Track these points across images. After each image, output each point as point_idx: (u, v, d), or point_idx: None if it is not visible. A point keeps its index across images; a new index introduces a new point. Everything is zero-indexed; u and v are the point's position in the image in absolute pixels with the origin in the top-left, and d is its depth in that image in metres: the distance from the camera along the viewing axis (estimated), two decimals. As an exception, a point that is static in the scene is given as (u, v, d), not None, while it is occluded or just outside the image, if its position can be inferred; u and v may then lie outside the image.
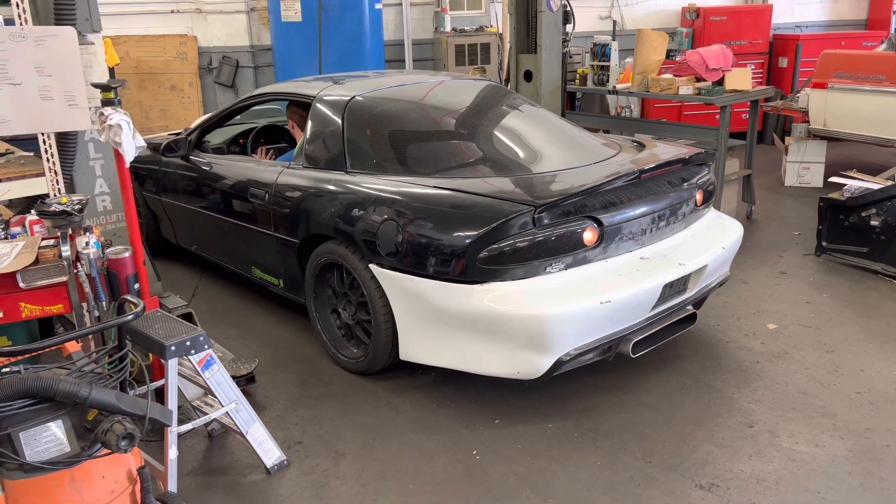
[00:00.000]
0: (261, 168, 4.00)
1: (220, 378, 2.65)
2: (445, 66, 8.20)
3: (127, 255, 2.77)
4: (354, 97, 3.77)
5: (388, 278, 3.15)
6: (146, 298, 2.85)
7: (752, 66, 8.45)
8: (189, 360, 2.55)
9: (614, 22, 8.93)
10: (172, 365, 2.48)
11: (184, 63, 7.69)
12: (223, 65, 7.85)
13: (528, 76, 5.95)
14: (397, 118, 3.77)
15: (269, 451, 2.81)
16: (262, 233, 3.88)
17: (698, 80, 5.78)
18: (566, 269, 2.99)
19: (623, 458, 2.84)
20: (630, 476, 2.72)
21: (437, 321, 3.06)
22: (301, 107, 4.31)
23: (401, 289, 3.11)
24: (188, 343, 2.51)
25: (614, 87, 6.23)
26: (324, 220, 3.43)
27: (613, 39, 6.46)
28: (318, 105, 3.84)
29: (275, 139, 5.09)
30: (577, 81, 6.55)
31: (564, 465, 2.80)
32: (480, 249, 2.89)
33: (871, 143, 6.55)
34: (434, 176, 3.32)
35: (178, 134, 4.90)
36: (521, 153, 3.62)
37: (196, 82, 7.77)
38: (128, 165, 2.85)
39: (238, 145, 4.96)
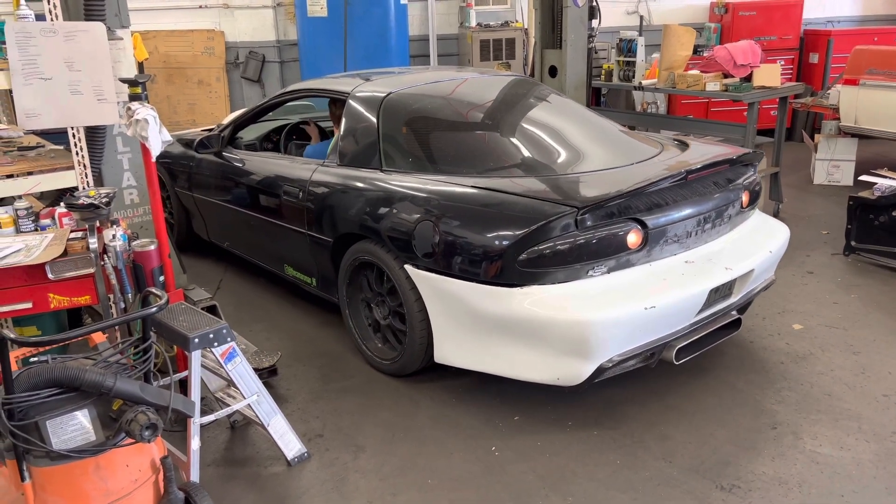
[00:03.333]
0: (294, 165, 3.95)
1: (242, 370, 2.68)
2: (470, 62, 8.18)
3: (152, 247, 2.81)
4: (390, 94, 3.70)
5: (423, 279, 3.09)
6: (171, 291, 2.89)
7: (782, 62, 8.31)
8: (212, 351, 2.59)
9: (641, 17, 8.83)
10: (196, 357, 2.52)
11: (211, 58, 7.77)
12: (250, 60, 7.91)
13: (553, 72, 5.92)
14: (433, 116, 3.72)
15: (290, 444, 2.84)
16: (295, 231, 3.84)
17: (726, 76, 5.70)
18: (609, 272, 2.91)
19: (643, 457, 2.82)
20: (650, 476, 2.71)
21: (473, 324, 2.99)
22: (335, 104, 4.27)
23: (437, 290, 3.06)
24: (211, 335, 2.54)
25: (640, 82, 6.17)
26: (358, 219, 3.38)
27: (640, 35, 6.39)
28: (352, 102, 3.78)
29: (307, 136, 5.00)
30: (603, 77, 6.50)
31: (584, 463, 2.79)
32: (521, 251, 2.82)
33: (903, 141, 6.40)
34: (471, 175, 3.26)
35: (210, 130, 4.90)
36: (561, 152, 3.53)
37: (223, 77, 7.84)
38: (154, 160, 2.88)
39: (271, 142, 4.93)
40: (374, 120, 3.61)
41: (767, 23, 8.63)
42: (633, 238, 2.93)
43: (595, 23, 5.82)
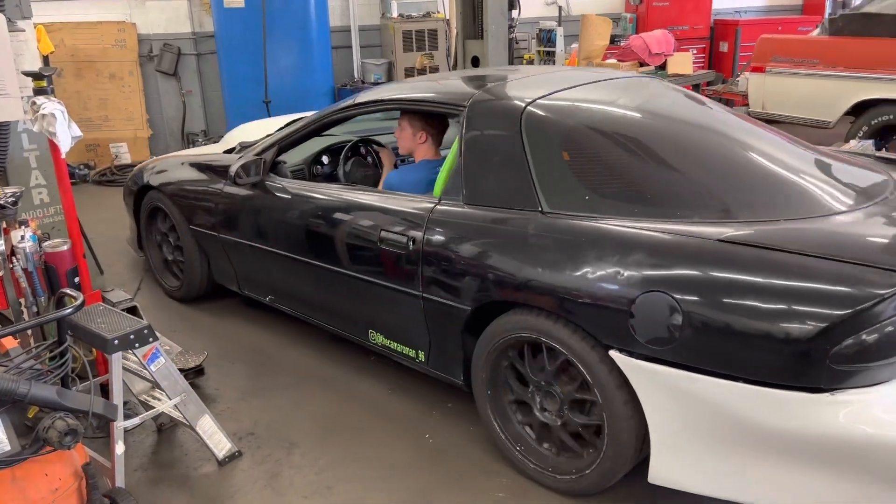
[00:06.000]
0: (393, 202, 2.96)
1: (166, 371, 2.61)
2: (393, 53, 8.15)
3: (65, 248, 2.69)
4: (533, 102, 2.74)
5: (645, 374, 2.20)
6: (87, 292, 2.78)
7: (694, 51, 8.64)
8: (134, 353, 2.51)
9: (560, 7, 9.00)
10: (116, 359, 2.43)
11: (123, 51, 7.47)
12: (164, 52, 7.65)
13: (476, 62, 5.97)
14: (604, 133, 2.72)
15: (220, 443, 2.78)
16: (399, 291, 2.88)
17: (642, 64, 5.89)
18: None
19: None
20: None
21: (730, 438, 2.12)
22: (433, 118, 3.36)
23: (671, 390, 2.17)
24: (132, 336, 2.46)
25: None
26: (520, 282, 2.44)
27: (559, 25, 6.52)
28: (475, 117, 2.80)
29: (364, 156, 3.99)
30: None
31: (516, 445, 2.84)
32: (837, 342, 1.93)
33: (807, 125, 6.77)
34: (699, 221, 2.29)
35: (233, 150, 4.01)
36: (790, 185, 2.54)
37: (136, 71, 7.56)
38: (63, 156, 2.76)
39: (322, 166, 3.95)
40: (517, 141, 2.65)
41: (680, 13, 8.95)
42: None
43: (515, 13, 5.90)
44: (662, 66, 5.81)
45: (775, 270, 2.06)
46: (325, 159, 3.93)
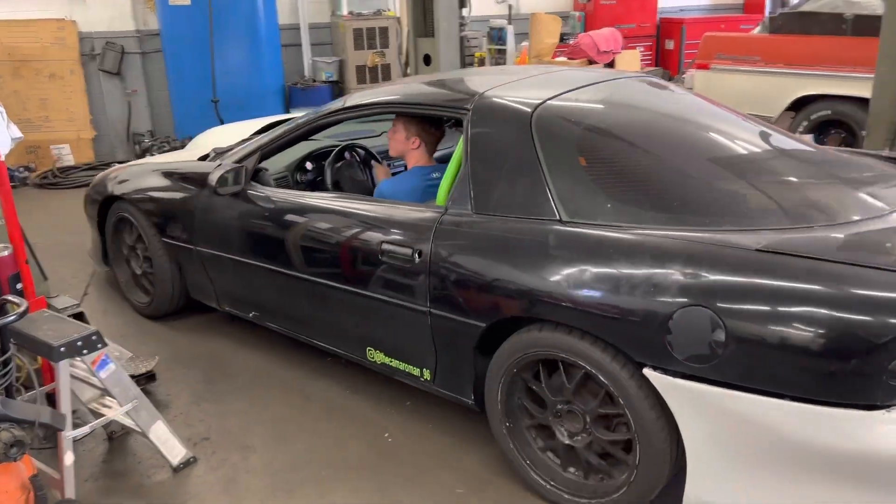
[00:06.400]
0: (395, 212, 2.78)
1: (116, 378, 2.55)
2: (344, 51, 8.10)
3: (6, 253, 2.60)
4: (542, 105, 2.61)
5: (683, 393, 2.07)
6: (31, 299, 2.69)
7: (641, 49, 8.80)
8: (82, 360, 2.44)
9: (510, 6, 9.06)
10: (63, 367, 2.36)
11: (63, 49, 7.24)
12: (107, 51, 7.44)
13: (427, 60, 5.98)
14: (620, 137, 2.62)
15: (174, 450, 2.73)
16: (402, 307, 2.71)
17: (590, 62, 5.98)
18: None
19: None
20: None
21: (778, 459, 2.01)
22: (428, 122, 3.19)
23: (712, 410, 2.05)
24: (79, 343, 2.39)
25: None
26: (541, 298, 2.29)
27: (509, 23, 6.57)
28: (480, 121, 2.65)
29: (351, 162, 3.73)
30: (476, 65, 6.63)
31: (474, 442, 2.86)
32: (894, 356, 1.83)
33: (750, 121, 6.96)
34: (731, 229, 2.16)
35: (207, 157, 3.79)
36: (830, 189, 2.48)
37: (78, 70, 7.34)
38: (3, 158, 2.67)
39: (306, 173, 3.70)
40: (529, 145, 2.50)
41: (627, 11, 9.10)
42: None
43: (466, 12, 5.93)
44: (611, 64, 5.91)
45: (825, 281, 1.92)
46: (308, 166, 3.70)
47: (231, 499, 2.59)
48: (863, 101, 4.66)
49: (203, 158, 3.80)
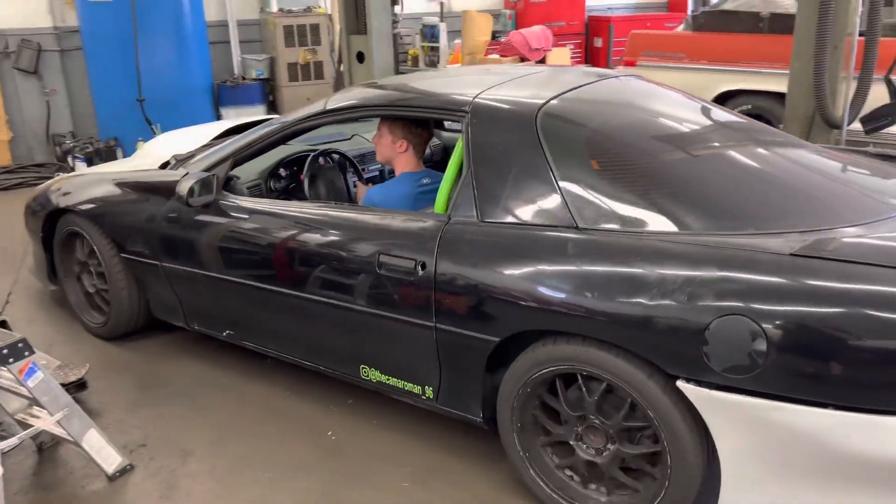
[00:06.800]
0: (392, 220, 2.63)
1: (45, 386, 2.45)
2: (275, 48, 7.97)
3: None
4: (545, 105, 2.51)
5: (721, 405, 2.00)
6: (-51, 307, 2.56)
7: (571, 46, 8.98)
8: (8, 369, 2.34)
9: (441, 3, 9.10)
10: (-12, 376, 2.26)
11: (-26, 47, 6.89)
12: (23, 49, 7.10)
13: (361, 57, 5.94)
14: (629, 139, 2.55)
15: (109, 458, 2.64)
16: (403, 322, 2.56)
17: (523, 59, 6.07)
18: None
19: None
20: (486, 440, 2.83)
21: (821, 470, 1.95)
22: (416, 125, 3.03)
23: (751, 421, 1.99)
24: (5, 351, 2.30)
25: (445, 67, 6.38)
26: (563, 309, 2.18)
27: (441, 21, 6.60)
28: (481, 123, 2.53)
29: (328, 168, 3.50)
30: (410, 62, 6.65)
31: (420, 436, 2.87)
32: None
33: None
34: (755, 233, 2.10)
35: (167, 164, 3.57)
36: (846, 190, 2.51)
37: (-9, 68, 6.99)
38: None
39: (279, 180, 3.49)
40: (536, 149, 2.41)
41: (556, 9, 9.27)
42: None
43: (398, 9, 5.92)
44: (542, 61, 6.01)
45: (863, 283, 1.86)
46: (282, 172, 3.49)
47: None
48: (780, 96, 4.87)
49: (163, 167, 3.59)
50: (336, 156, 3.57)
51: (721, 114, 2.99)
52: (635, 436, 2.23)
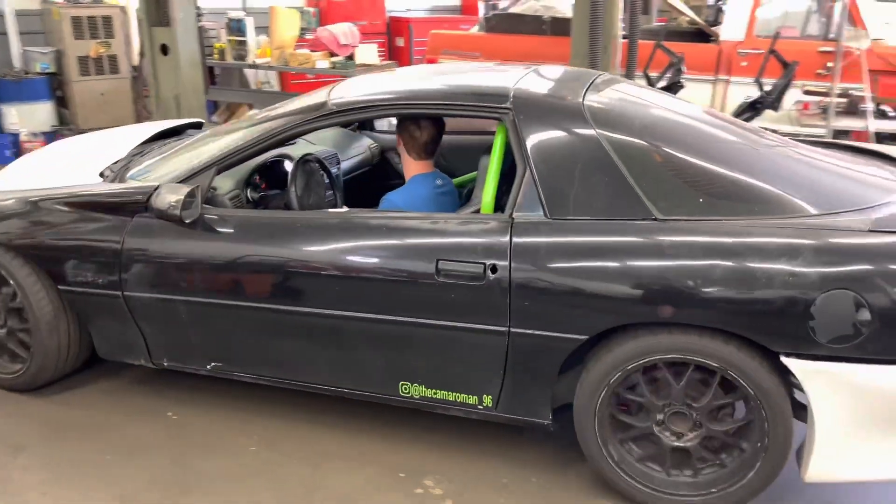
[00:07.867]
0: (449, 225, 2.45)
1: None
2: (62, 41, 7.45)
3: None
4: (584, 99, 2.53)
5: (823, 374, 2.14)
6: None
7: (377, 44, 9.31)
8: None
9: (243, -1, 9.02)
10: None
11: None
12: None
13: (165, 50, 5.82)
14: (675, 133, 2.59)
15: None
16: (467, 330, 2.41)
17: (332, 55, 6.27)
18: None
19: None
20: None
21: None
22: (420, 123, 2.82)
23: (850, 386, 2.14)
24: None
25: (254, 61, 6.41)
26: (659, 300, 2.20)
27: (247, 15, 6.62)
28: (529, 117, 2.46)
29: (314, 174, 3.13)
30: (216, 56, 6.58)
31: (262, 402, 2.99)
32: None
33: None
34: (819, 214, 2.26)
35: (103, 174, 3.05)
36: (857, 173, 2.64)
37: None
38: None
39: (257, 189, 3.08)
40: (595, 143, 2.39)
41: (358, 9, 9.57)
42: None
43: (200, 1, 5.88)
44: (351, 57, 6.25)
45: None
46: (256, 179, 3.09)
47: (8, 496, 2.47)
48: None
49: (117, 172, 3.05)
50: (315, 163, 3.17)
51: (707, 112, 3.05)
52: (716, 414, 2.33)
